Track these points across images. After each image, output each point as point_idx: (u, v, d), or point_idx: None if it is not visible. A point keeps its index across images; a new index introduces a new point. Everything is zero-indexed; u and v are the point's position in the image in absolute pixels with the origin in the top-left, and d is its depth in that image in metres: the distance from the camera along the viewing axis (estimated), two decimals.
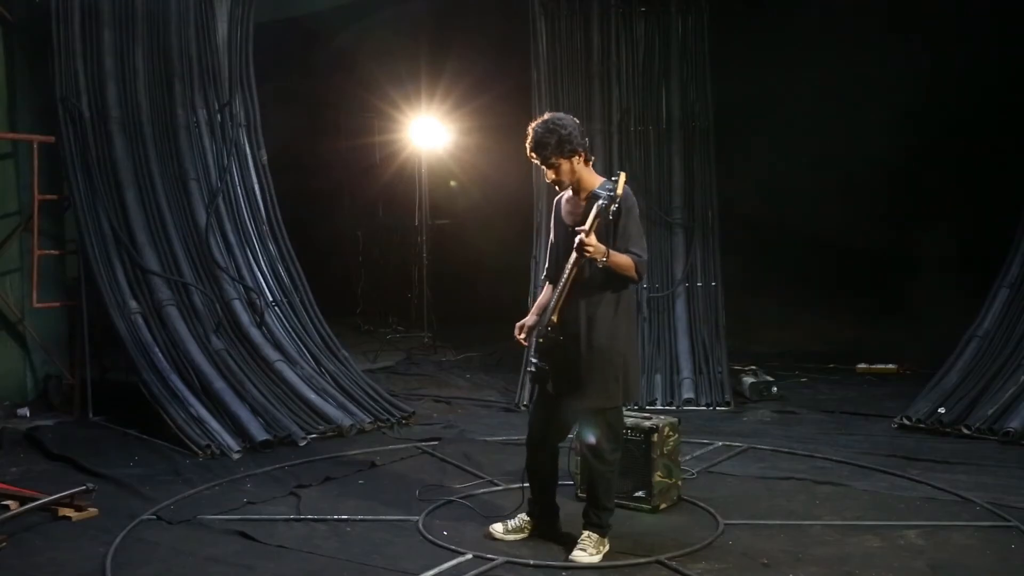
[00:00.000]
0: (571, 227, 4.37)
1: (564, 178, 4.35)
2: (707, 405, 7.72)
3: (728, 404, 7.72)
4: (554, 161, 4.30)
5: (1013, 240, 7.38)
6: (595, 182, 4.37)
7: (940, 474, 5.69)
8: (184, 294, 7.35)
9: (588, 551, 4.34)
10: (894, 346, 9.61)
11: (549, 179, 4.40)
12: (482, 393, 8.54)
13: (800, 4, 10.33)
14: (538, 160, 4.34)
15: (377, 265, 13.01)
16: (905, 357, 9.15)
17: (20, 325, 7.66)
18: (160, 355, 6.93)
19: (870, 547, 4.48)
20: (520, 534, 4.61)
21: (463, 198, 12.59)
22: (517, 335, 4.64)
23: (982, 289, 7.50)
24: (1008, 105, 9.68)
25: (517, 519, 4.66)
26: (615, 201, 4.17)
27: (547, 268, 4.59)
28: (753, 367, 8.40)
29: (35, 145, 7.43)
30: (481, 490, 5.44)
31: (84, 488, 5.07)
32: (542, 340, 4.34)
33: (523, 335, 4.62)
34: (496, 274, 10.61)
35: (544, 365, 4.35)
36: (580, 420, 4.43)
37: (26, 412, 7.33)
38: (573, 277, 4.24)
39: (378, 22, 11.90)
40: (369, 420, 7.12)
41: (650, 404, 7.67)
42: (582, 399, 4.33)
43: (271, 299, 7.81)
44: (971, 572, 4.19)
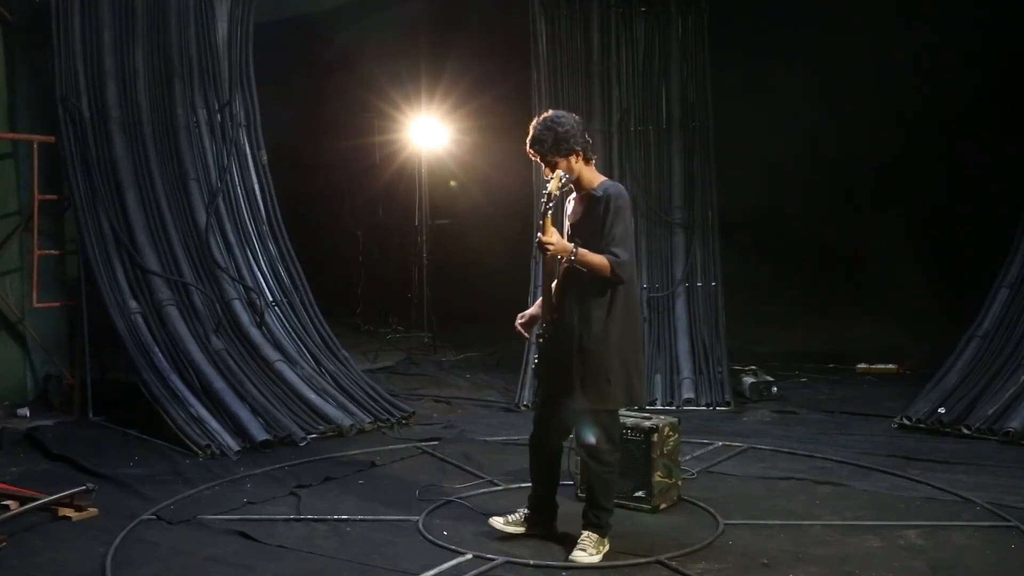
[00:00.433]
0: (571, 225, 4.45)
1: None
2: (707, 405, 7.72)
3: (728, 404, 7.72)
4: (551, 159, 4.33)
5: (1013, 240, 7.38)
6: (596, 180, 4.40)
7: (940, 474, 5.69)
8: (184, 294, 7.35)
9: (588, 551, 4.34)
10: (894, 346, 9.61)
11: (547, 177, 4.42)
12: (482, 393, 8.55)
13: (800, 4, 10.33)
14: (536, 157, 4.38)
15: (377, 265, 13.00)
16: (905, 357, 9.15)
17: (20, 325, 7.66)
18: (160, 355, 6.93)
19: (870, 547, 4.48)
20: (520, 527, 4.61)
21: (463, 198, 12.60)
22: (518, 323, 4.64)
23: (982, 289, 7.50)
24: (1008, 105, 9.68)
25: (518, 513, 4.67)
26: (551, 199, 4.20)
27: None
28: (753, 367, 8.40)
29: (35, 145, 7.44)
30: (481, 490, 5.44)
31: (84, 488, 5.06)
32: (540, 340, 4.39)
33: (522, 322, 4.62)
34: (496, 274, 10.61)
35: (542, 365, 4.37)
36: (576, 421, 4.43)
37: (26, 412, 7.33)
38: (561, 276, 4.29)
39: (378, 22, 11.91)
40: (369, 420, 7.12)
41: (650, 404, 7.66)
42: (573, 400, 4.33)
43: (271, 299, 7.81)
44: (971, 572, 4.19)
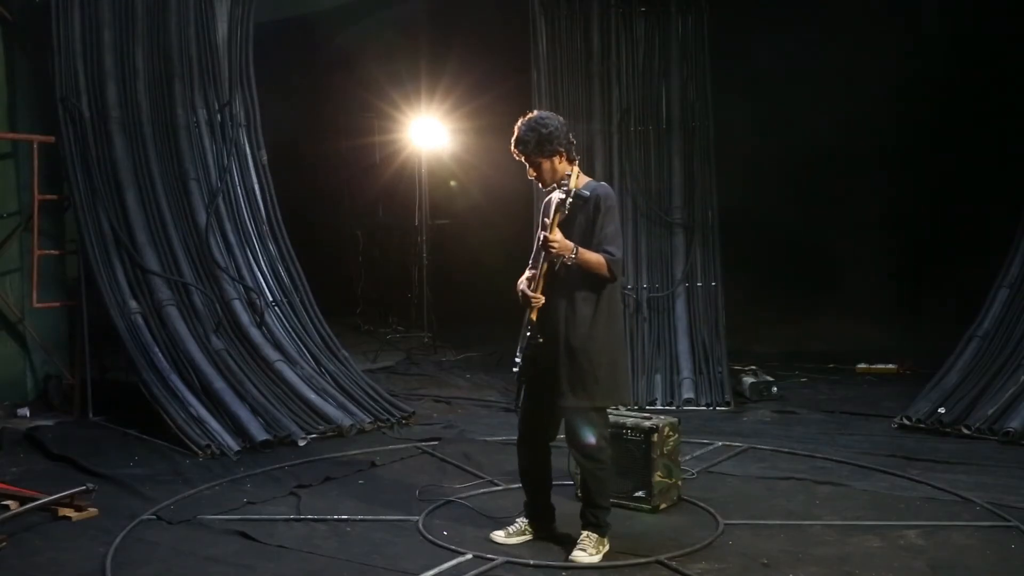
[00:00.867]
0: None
1: (545, 176, 4.39)
2: (707, 405, 7.72)
3: (728, 404, 7.72)
4: (534, 159, 4.35)
5: (1013, 240, 7.38)
6: (580, 183, 4.40)
7: (940, 474, 5.69)
8: (184, 294, 7.35)
9: (588, 551, 4.34)
10: (894, 346, 9.61)
11: (531, 176, 4.43)
12: (482, 393, 8.54)
13: (800, 4, 10.32)
14: (520, 157, 4.39)
15: (377, 265, 13.01)
16: (905, 357, 9.16)
17: (20, 325, 7.66)
18: (160, 355, 6.93)
19: (870, 547, 4.48)
20: (522, 537, 4.60)
21: (463, 198, 12.59)
22: (521, 286, 4.44)
23: (982, 289, 7.50)
24: (1009, 104, 9.68)
25: (517, 523, 4.65)
26: (569, 195, 4.21)
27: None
28: (753, 367, 8.40)
29: (35, 145, 7.44)
30: (481, 490, 5.44)
31: (84, 488, 5.06)
32: (527, 341, 4.38)
33: (524, 285, 4.43)
34: (496, 274, 10.56)
35: (527, 364, 4.37)
36: (565, 420, 4.41)
37: (26, 412, 7.33)
38: (546, 275, 4.28)
39: (378, 22, 11.92)
40: (369, 420, 7.12)
41: (650, 404, 7.67)
42: (561, 398, 4.32)
43: (271, 299, 7.81)
44: (971, 572, 4.18)
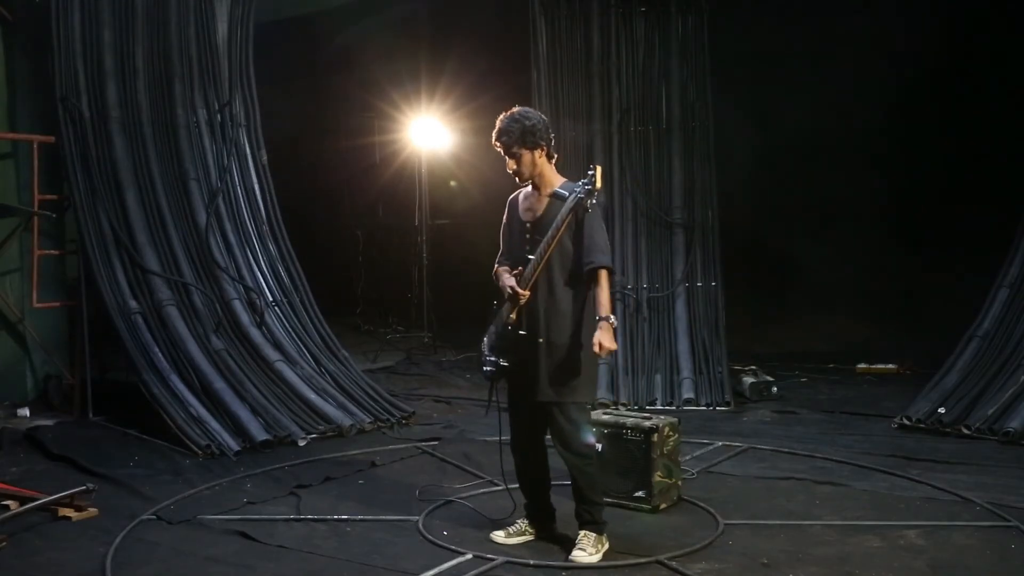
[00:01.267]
0: (529, 224, 4.40)
1: (524, 169, 4.36)
2: (707, 405, 7.72)
3: (728, 404, 7.72)
4: (516, 150, 4.33)
5: (1013, 240, 7.38)
6: (557, 181, 4.41)
7: (940, 474, 5.69)
8: (184, 294, 7.35)
9: (587, 550, 4.33)
10: (894, 346, 9.61)
11: (510, 169, 4.40)
12: (482, 393, 8.49)
13: (800, 4, 10.32)
14: (501, 148, 4.36)
15: (377, 265, 13.00)
16: (905, 357, 9.15)
17: (20, 325, 7.66)
18: (160, 355, 6.93)
19: (870, 547, 4.48)
20: (522, 537, 4.59)
21: (463, 198, 12.59)
22: (511, 284, 4.37)
23: (982, 289, 7.50)
24: (1009, 104, 9.68)
25: (517, 523, 4.65)
26: (592, 195, 4.14)
27: (501, 258, 4.53)
28: (753, 367, 8.40)
29: (35, 145, 7.44)
30: (481, 490, 5.43)
31: (84, 488, 5.06)
32: (501, 339, 4.36)
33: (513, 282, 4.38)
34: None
35: (504, 363, 4.36)
36: (549, 417, 4.38)
37: (26, 412, 7.33)
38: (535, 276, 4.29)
39: (378, 22, 11.91)
40: (369, 420, 7.12)
41: (650, 404, 7.67)
42: (543, 393, 4.32)
43: (271, 299, 7.81)
44: (971, 572, 4.18)
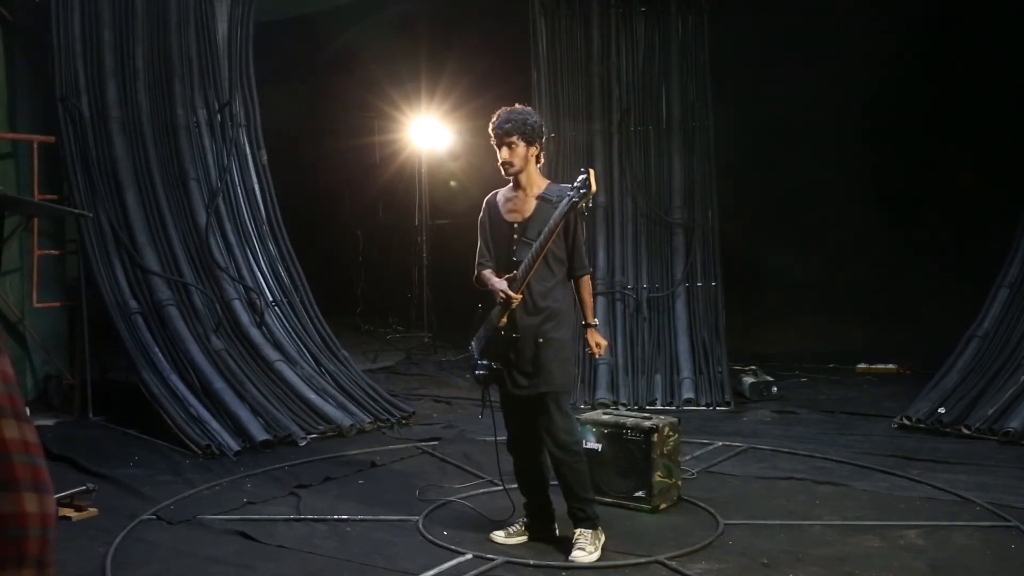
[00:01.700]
0: (516, 225, 4.39)
1: (516, 161, 4.34)
2: (707, 405, 7.72)
3: (728, 404, 7.72)
4: (514, 140, 4.31)
5: (1013, 240, 7.38)
6: (543, 183, 4.41)
7: (940, 474, 5.69)
8: (184, 294, 7.35)
9: (586, 549, 4.33)
10: (894, 346, 9.61)
11: (502, 159, 4.36)
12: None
13: (800, 4, 10.32)
14: (497, 137, 4.33)
15: (377, 265, 13.00)
16: (905, 357, 9.15)
17: (20, 325, 7.65)
18: (160, 355, 6.93)
19: (870, 547, 4.48)
20: (522, 537, 4.59)
21: (463, 198, 12.57)
22: (497, 288, 4.33)
23: (982, 289, 7.50)
24: (1009, 105, 9.67)
25: (516, 524, 4.65)
26: (587, 198, 4.13)
27: (484, 260, 4.49)
28: (753, 367, 8.40)
29: (35, 145, 7.44)
30: (481, 490, 5.43)
31: (84, 488, 5.06)
32: (492, 343, 4.36)
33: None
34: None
35: (496, 366, 4.36)
36: (539, 411, 4.36)
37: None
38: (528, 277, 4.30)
39: (378, 22, 11.90)
40: (369, 420, 7.12)
41: (650, 404, 7.67)
42: (536, 386, 4.32)
43: (271, 299, 7.81)
44: (971, 572, 4.18)
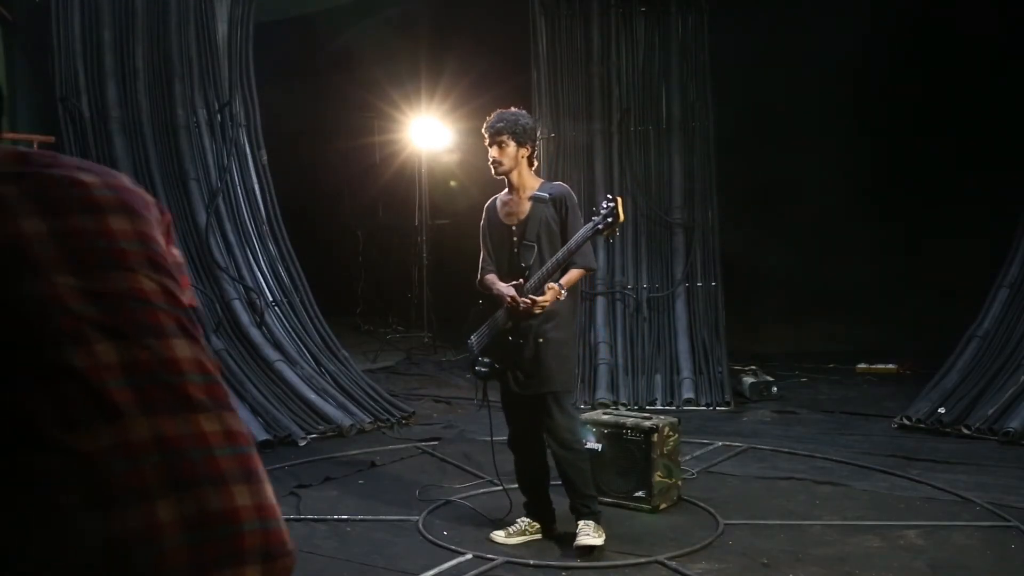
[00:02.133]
0: (513, 227, 4.42)
1: (506, 160, 4.35)
2: (707, 405, 7.72)
3: (728, 404, 7.72)
4: (505, 139, 4.33)
5: (1013, 240, 7.38)
6: (535, 183, 4.43)
7: (940, 474, 5.69)
8: None
9: (592, 535, 4.35)
10: (894, 346, 9.61)
11: (491, 158, 4.38)
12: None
13: (800, 4, 10.32)
14: (488, 136, 4.36)
15: (377, 265, 13.01)
16: (905, 357, 9.15)
17: None
18: None
19: (870, 547, 4.48)
20: (522, 537, 4.59)
21: (463, 198, 12.57)
22: (505, 294, 4.33)
23: (982, 289, 7.50)
24: (1010, 102, 9.67)
25: (517, 523, 4.65)
26: (615, 228, 4.18)
27: (486, 265, 4.52)
28: (753, 367, 8.40)
29: (35, 145, 7.41)
30: (481, 490, 5.43)
31: None
32: (495, 344, 4.39)
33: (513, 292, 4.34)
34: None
35: (498, 365, 4.38)
36: (541, 411, 4.38)
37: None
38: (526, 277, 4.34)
39: (378, 22, 11.90)
40: (369, 420, 7.12)
41: (650, 404, 7.67)
42: (537, 386, 4.34)
43: (271, 299, 7.81)
44: (971, 572, 4.18)
